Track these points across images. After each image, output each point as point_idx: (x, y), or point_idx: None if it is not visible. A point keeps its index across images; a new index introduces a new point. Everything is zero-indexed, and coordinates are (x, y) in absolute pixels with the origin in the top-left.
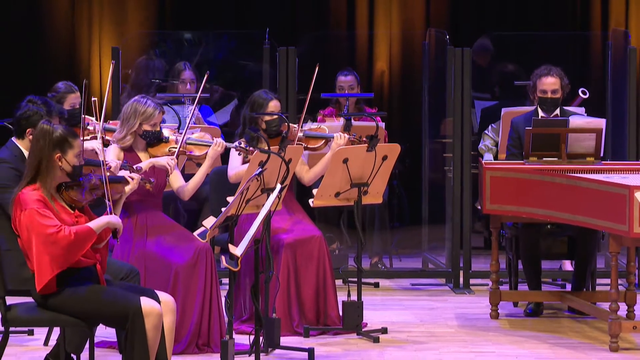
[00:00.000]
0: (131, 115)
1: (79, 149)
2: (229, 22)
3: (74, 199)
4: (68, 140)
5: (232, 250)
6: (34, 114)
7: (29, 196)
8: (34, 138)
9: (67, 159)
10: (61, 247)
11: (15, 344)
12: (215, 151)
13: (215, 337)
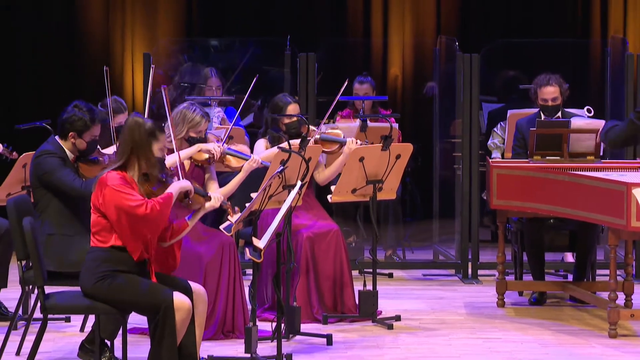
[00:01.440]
0: (180, 122)
1: (163, 143)
2: (253, 30)
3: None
4: (156, 134)
5: (256, 243)
6: (79, 119)
7: (112, 176)
8: (126, 129)
9: (153, 149)
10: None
11: (53, 330)
12: (250, 166)
13: (240, 324)
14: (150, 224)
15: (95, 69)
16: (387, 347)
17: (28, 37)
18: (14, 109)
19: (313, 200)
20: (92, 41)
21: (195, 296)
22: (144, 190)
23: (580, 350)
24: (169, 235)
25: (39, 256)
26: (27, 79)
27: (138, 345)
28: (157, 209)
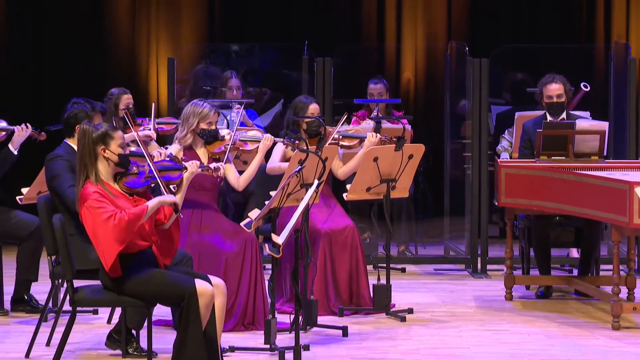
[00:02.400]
0: (190, 115)
1: (120, 139)
2: (272, 35)
3: (129, 187)
4: (108, 134)
5: (275, 239)
6: (80, 111)
7: (87, 190)
8: (78, 139)
9: (112, 149)
10: (118, 228)
11: (81, 322)
12: (265, 145)
13: (260, 317)
14: (119, 234)
15: (122, 73)
16: (400, 339)
17: (57, 43)
18: (44, 112)
19: (330, 198)
20: (119, 47)
21: (215, 289)
22: (121, 189)
23: (584, 342)
24: (164, 217)
25: (68, 251)
26: (56, 83)
27: (162, 335)
28: (125, 219)
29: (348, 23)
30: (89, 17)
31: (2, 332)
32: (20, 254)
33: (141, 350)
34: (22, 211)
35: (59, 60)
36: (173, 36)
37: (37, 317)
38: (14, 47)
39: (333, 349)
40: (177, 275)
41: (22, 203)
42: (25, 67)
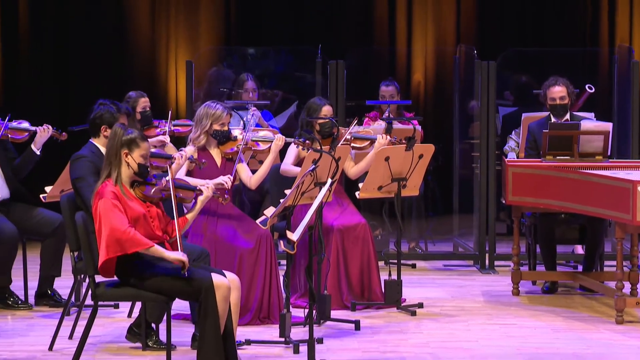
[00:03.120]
0: (203, 117)
1: (145, 150)
2: (287, 39)
3: (145, 195)
4: (135, 141)
5: (289, 236)
6: (106, 112)
7: (106, 189)
8: (108, 138)
9: (133, 157)
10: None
11: (103, 316)
12: (277, 145)
13: (275, 311)
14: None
15: (142, 76)
16: (410, 332)
17: (80, 47)
18: (68, 113)
19: (343, 196)
20: (139, 50)
21: (230, 283)
22: (136, 194)
23: (589, 335)
24: (171, 231)
25: (90, 248)
26: (80, 85)
27: (180, 329)
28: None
29: (360, 27)
30: (111, 20)
31: (27, 326)
32: (44, 250)
33: (160, 343)
34: (45, 209)
35: (82, 63)
36: (191, 40)
37: (60, 311)
38: (38, 49)
39: (346, 342)
40: (194, 269)
41: (45, 201)
42: (49, 69)
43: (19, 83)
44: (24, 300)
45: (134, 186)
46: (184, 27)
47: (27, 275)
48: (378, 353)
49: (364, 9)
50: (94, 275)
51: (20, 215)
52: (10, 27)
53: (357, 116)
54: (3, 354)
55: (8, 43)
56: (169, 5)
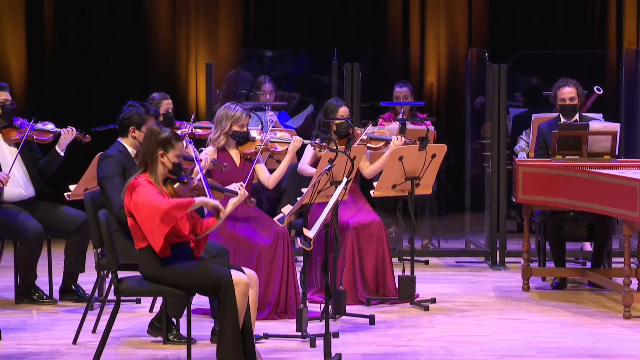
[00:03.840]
0: (223, 118)
1: (180, 150)
2: (303, 42)
3: (177, 193)
4: (171, 142)
5: (306, 233)
6: (135, 114)
7: (139, 180)
8: (144, 136)
9: (169, 157)
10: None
11: (125, 310)
12: (294, 147)
13: (292, 306)
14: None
15: (163, 78)
16: (423, 327)
17: (103, 50)
18: (91, 114)
19: (358, 194)
20: (160, 53)
21: (248, 280)
22: (168, 192)
23: (597, 330)
24: (199, 229)
25: (113, 244)
26: (102, 87)
27: (200, 323)
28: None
29: (375, 31)
30: (133, 24)
31: (51, 320)
32: (68, 246)
33: (181, 337)
34: (69, 207)
35: (105, 66)
36: (211, 43)
37: (84, 306)
38: (62, 52)
39: (361, 336)
40: (214, 266)
41: (69, 199)
42: (72, 71)
43: (44, 85)
44: (49, 295)
45: (167, 184)
46: (203, 31)
47: (52, 271)
48: (392, 347)
49: (378, 13)
50: (117, 271)
51: (45, 213)
52: (35, 31)
53: (371, 120)
54: (28, 347)
55: (34, 46)
56: (189, 9)
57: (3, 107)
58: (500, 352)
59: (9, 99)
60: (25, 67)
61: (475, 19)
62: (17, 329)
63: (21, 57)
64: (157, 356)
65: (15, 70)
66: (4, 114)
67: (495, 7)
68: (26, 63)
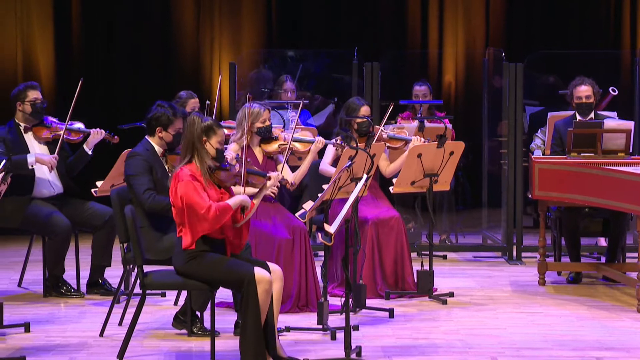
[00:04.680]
0: (243, 119)
1: (221, 137)
2: (324, 42)
3: (220, 180)
4: (213, 128)
5: (327, 228)
6: (162, 115)
7: (184, 172)
8: (186, 126)
9: (212, 143)
10: (207, 221)
11: (150, 303)
12: (316, 146)
13: (312, 300)
14: (204, 224)
15: (187, 77)
16: (442, 320)
17: (129, 50)
18: (117, 112)
19: (378, 191)
20: (185, 53)
21: (272, 274)
22: (213, 180)
23: (611, 323)
24: (240, 216)
25: (138, 239)
26: (128, 86)
27: (224, 316)
28: (215, 214)
29: (394, 31)
30: (158, 24)
31: (79, 313)
32: (95, 241)
33: (205, 330)
34: (96, 202)
35: (130, 65)
36: (234, 43)
37: (110, 299)
38: (89, 52)
39: (380, 329)
40: (237, 262)
41: (96, 195)
42: (98, 70)
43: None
44: (77, 288)
45: (211, 172)
46: (227, 31)
47: (79, 265)
48: (411, 339)
49: (398, 14)
50: (142, 266)
51: (73, 209)
52: (64, 32)
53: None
54: (56, 339)
55: (62, 46)
56: (212, 9)
57: (34, 105)
58: (517, 345)
59: (40, 98)
60: (54, 66)
61: (492, 19)
62: (46, 321)
63: (50, 56)
64: (181, 348)
65: (44, 70)
66: (34, 113)
67: (512, 8)
68: (55, 63)
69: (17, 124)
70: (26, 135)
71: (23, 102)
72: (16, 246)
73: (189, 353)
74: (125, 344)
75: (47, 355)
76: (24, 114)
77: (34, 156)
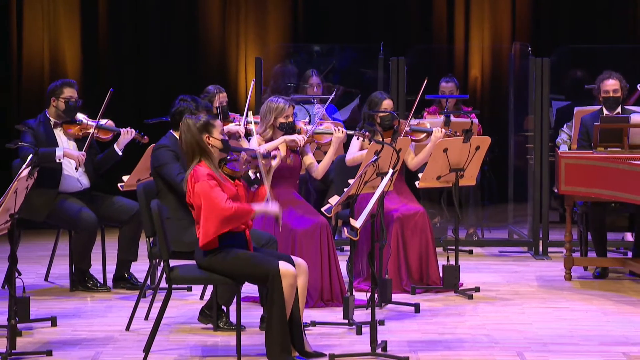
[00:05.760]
0: (267, 112)
1: (220, 126)
2: (350, 36)
3: (233, 171)
4: (210, 122)
5: (353, 223)
6: (185, 109)
7: (201, 171)
8: (182, 131)
9: (215, 136)
10: (225, 217)
11: (176, 298)
12: (337, 137)
13: (337, 294)
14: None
15: (214, 72)
16: (467, 315)
17: (155, 45)
18: (145, 106)
19: (403, 185)
20: (211, 47)
21: (297, 268)
22: (225, 173)
23: (638, 319)
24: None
25: (165, 234)
26: (156, 81)
27: (249, 311)
28: (234, 212)
29: (420, 25)
30: (184, 19)
31: (105, 307)
32: (121, 236)
33: (231, 324)
34: (122, 197)
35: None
36: (260, 37)
37: (137, 293)
38: (116, 47)
39: (406, 324)
40: (262, 256)
41: (123, 189)
42: (127, 66)
43: (99, 79)
44: (103, 283)
45: (221, 165)
46: (253, 25)
47: (106, 259)
48: (437, 334)
49: (424, 8)
50: (168, 260)
51: (100, 203)
52: (90, 26)
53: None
54: (83, 333)
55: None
56: (239, 4)
57: (67, 103)
58: (543, 340)
59: (75, 97)
60: (80, 61)
61: (518, 13)
62: (72, 315)
63: (76, 50)
64: (207, 343)
65: (71, 65)
66: (67, 110)
67: (539, 2)
68: (81, 57)
69: (47, 119)
70: (55, 130)
71: (58, 99)
72: (43, 240)
73: (215, 347)
74: (151, 338)
75: (74, 349)
76: (57, 110)
77: (62, 150)
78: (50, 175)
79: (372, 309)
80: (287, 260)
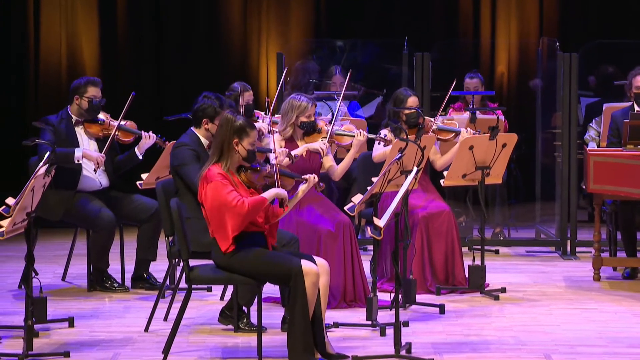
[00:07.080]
0: (289, 110)
1: (254, 138)
2: (374, 31)
3: (250, 181)
4: (246, 130)
5: (376, 222)
6: (208, 107)
7: (213, 172)
8: (219, 124)
9: (243, 144)
10: (239, 214)
11: (196, 298)
12: (358, 140)
13: (360, 295)
14: (238, 218)
15: (235, 68)
16: (494, 316)
17: (175, 40)
18: (165, 105)
19: (428, 183)
20: (232, 43)
21: (319, 268)
22: (242, 180)
23: None
24: (272, 216)
25: (184, 233)
26: (176, 77)
27: (271, 312)
28: (247, 208)
29: (446, 20)
30: (205, 15)
31: (123, 308)
32: (140, 235)
33: (251, 325)
34: (141, 195)
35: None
36: (282, 32)
37: (156, 293)
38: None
39: (431, 325)
40: (284, 255)
41: (141, 188)
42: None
43: (117, 75)
44: (121, 283)
45: (240, 171)
46: (274, 20)
47: (124, 259)
48: (462, 336)
49: (449, 3)
50: (188, 260)
51: (118, 202)
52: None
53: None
54: (101, 334)
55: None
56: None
57: (91, 102)
58: (571, 342)
59: (99, 96)
60: (99, 58)
61: (546, 8)
62: (90, 316)
63: (94, 46)
64: (227, 344)
65: (88, 62)
66: (90, 110)
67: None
68: (99, 54)
69: (69, 116)
70: (77, 128)
71: (81, 97)
72: (60, 239)
73: (236, 349)
74: (171, 339)
75: (91, 350)
76: (80, 109)
77: (81, 151)
78: (69, 176)
79: (396, 310)
80: (309, 260)
